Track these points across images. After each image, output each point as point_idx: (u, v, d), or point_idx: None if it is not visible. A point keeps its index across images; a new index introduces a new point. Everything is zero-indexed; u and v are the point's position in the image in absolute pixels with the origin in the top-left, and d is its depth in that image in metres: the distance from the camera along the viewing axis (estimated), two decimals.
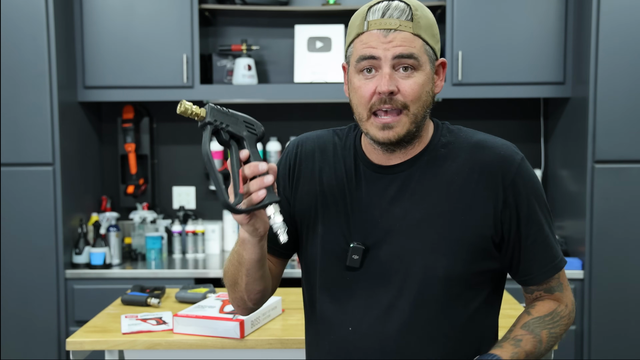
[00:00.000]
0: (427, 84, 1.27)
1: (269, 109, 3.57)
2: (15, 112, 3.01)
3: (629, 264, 2.96)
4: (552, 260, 1.36)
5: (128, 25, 3.17)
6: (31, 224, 3.04)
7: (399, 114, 1.25)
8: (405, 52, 1.23)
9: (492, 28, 3.14)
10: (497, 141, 1.39)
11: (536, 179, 1.35)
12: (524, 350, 1.30)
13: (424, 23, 1.26)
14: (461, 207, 1.29)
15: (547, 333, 1.34)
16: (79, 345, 1.98)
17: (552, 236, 1.36)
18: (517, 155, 1.34)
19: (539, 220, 1.33)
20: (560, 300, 1.39)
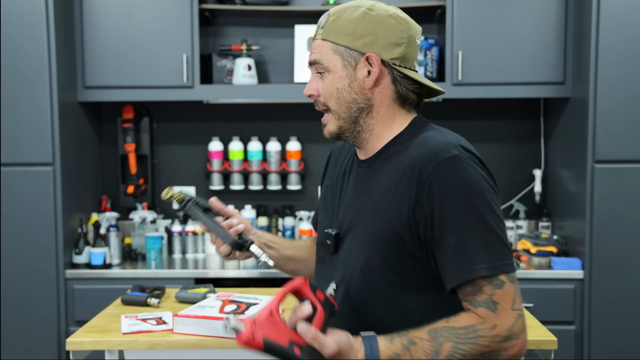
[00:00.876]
0: (337, 81, 1.36)
1: (269, 109, 3.57)
2: (15, 112, 3.01)
3: (629, 264, 2.96)
4: (460, 269, 1.23)
5: (128, 25, 3.17)
6: (31, 224, 3.04)
7: (327, 112, 1.40)
8: (311, 59, 1.39)
9: (492, 28, 3.14)
10: (439, 138, 1.32)
11: (461, 179, 1.24)
12: (410, 354, 1.22)
13: (337, 26, 1.36)
14: (383, 203, 1.32)
15: (451, 346, 1.22)
16: (79, 345, 1.98)
17: (470, 243, 1.23)
18: (445, 154, 1.26)
19: (457, 223, 1.23)
20: (486, 318, 1.23)
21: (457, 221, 1.23)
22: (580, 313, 3.00)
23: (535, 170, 3.50)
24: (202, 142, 3.58)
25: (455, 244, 1.23)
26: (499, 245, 1.24)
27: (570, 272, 2.99)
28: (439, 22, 3.38)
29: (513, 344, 1.24)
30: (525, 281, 3.00)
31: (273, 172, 3.50)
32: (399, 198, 1.29)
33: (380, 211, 1.32)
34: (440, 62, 3.31)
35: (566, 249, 3.20)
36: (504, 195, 3.57)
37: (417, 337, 1.24)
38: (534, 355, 2.21)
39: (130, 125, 3.43)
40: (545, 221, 3.42)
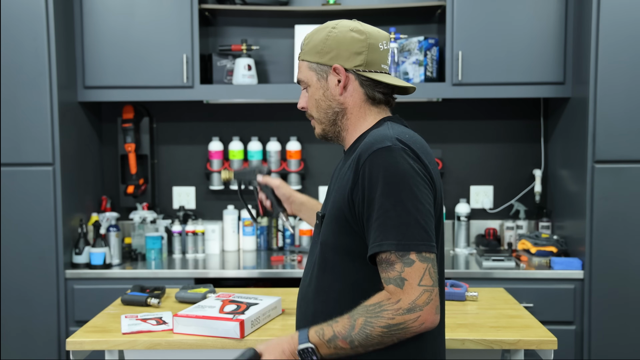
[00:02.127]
0: (315, 93, 1.61)
1: (269, 109, 3.57)
2: (15, 112, 3.01)
3: (629, 264, 2.96)
4: (372, 242, 1.41)
5: (128, 25, 3.17)
6: (31, 224, 3.04)
7: (313, 119, 1.66)
8: (297, 78, 1.65)
9: (492, 28, 3.14)
10: (379, 132, 1.51)
11: (385, 166, 1.42)
12: (332, 330, 1.43)
13: (309, 47, 1.61)
14: (338, 186, 1.55)
15: (363, 320, 1.40)
16: (79, 345, 1.98)
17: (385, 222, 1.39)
18: (380, 144, 1.45)
19: (379, 203, 1.40)
20: (393, 294, 1.39)
21: (379, 202, 1.41)
22: (580, 313, 3.00)
23: (535, 170, 3.50)
24: (202, 142, 3.58)
25: (375, 220, 1.41)
26: (414, 227, 1.39)
27: (570, 272, 2.99)
28: (439, 22, 3.38)
29: (417, 316, 1.38)
30: (525, 281, 3.00)
31: (273, 172, 3.50)
32: (345, 182, 1.51)
33: (335, 193, 1.55)
34: (440, 62, 3.31)
35: (566, 249, 3.20)
36: (504, 195, 3.57)
37: (339, 318, 1.45)
38: (534, 355, 2.21)
39: (130, 125, 3.43)
40: (545, 221, 3.42)
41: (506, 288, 2.62)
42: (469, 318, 2.12)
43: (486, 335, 1.96)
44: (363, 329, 1.39)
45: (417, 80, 3.26)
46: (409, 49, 3.29)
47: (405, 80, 3.28)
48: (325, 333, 1.44)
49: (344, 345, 1.41)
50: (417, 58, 3.26)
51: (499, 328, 2.03)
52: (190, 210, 3.59)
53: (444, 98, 3.35)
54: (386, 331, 1.39)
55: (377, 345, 1.41)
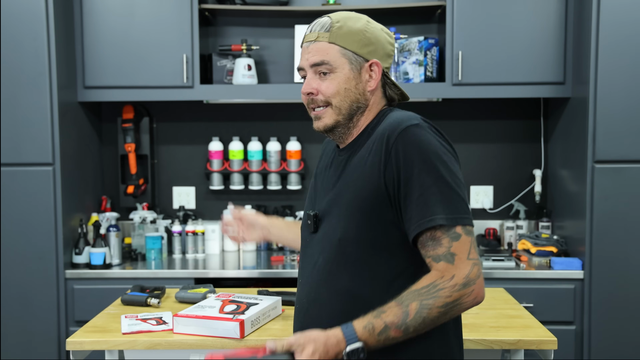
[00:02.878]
0: (345, 81, 1.51)
1: (269, 109, 3.57)
2: (15, 112, 3.01)
3: (629, 264, 2.96)
4: (421, 218, 1.37)
5: (128, 25, 3.17)
6: (31, 224, 3.04)
7: (325, 107, 1.54)
8: (317, 60, 1.52)
9: (492, 28, 3.14)
10: (402, 113, 1.50)
11: (420, 142, 1.40)
12: (383, 321, 1.35)
13: (343, 32, 1.51)
14: (357, 175, 1.47)
15: (417, 304, 1.35)
16: (79, 345, 1.98)
17: (431, 197, 1.37)
18: (408, 122, 1.43)
19: (418, 181, 1.38)
20: (445, 272, 1.37)
21: (419, 178, 1.38)
22: (580, 313, 3.00)
23: (535, 170, 3.50)
24: (202, 142, 3.58)
25: (417, 197, 1.38)
26: (457, 201, 1.38)
27: (570, 272, 2.99)
28: (439, 22, 3.38)
29: (471, 290, 1.37)
30: (525, 281, 3.00)
31: (273, 172, 3.50)
32: (369, 168, 1.45)
33: (353, 184, 1.47)
34: (440, 62, 3.31)
35: (566, 249, 3.20)
36: (504, 195, 3.57)
37: (385, 307, 1.37)
38: (534, 355, 2.21)
39: (130, 125, 3.43)
40: (545, 221, 3.42)
41: (506, 288, 2.62)
42: (469, 318, 2.12)
43: (486, 335, 1.96)
44: (419, 314, 1.35)
45: (417, 80, 3.26)
46: (409, 49, 3.29)
47: (405, 81, 3.28)
48: (375, 326, 1.36)
49: (397, 334, 1.36)
50: (417, 58, 3.26)
51: (499, 328, 2.03)
52: (190, 210, 3.59)
53: (444, 98, 3.35)
54: (443, 310, 1.35)
55: (432, 324, 1.37)
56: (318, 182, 1.65)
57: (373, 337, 1.35)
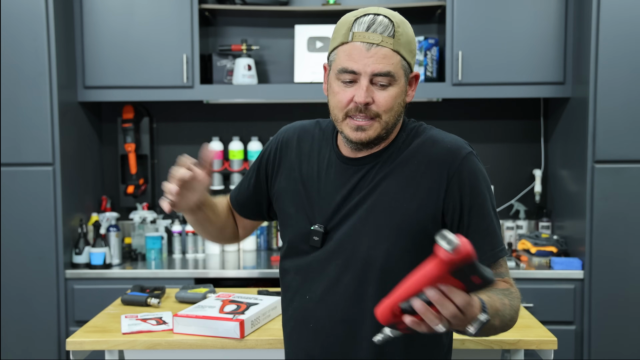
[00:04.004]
0: (399, 96, 1.40)
1: (269, 109, 3.57)
2: (15, 112, 3.01)
3: (629, 264, 2.96)
4: (493, 249, 1.40)
5: (128, 25, 3.17)
6: (31, 224, 3.04)
7: (372, 119, 1.39)
8: (382, 70, 1.35)
9: (492, 28, 3.14)
10: (448, 137, 1.45)
11: (481, 172, 1.41)
12: (499, 300, 1.30)
13: (404, 40, 1.37)
14: (406, 196, 1.39)
15: (509, 302, 1.35)
16: (79, 345, 1.98)
17: (496, 227, 1.41)
18: (464, 150, 1.41)
19: (482, 210, 1.39)
20: (511, 284, 1.42)
21: (484, 208, 1.39)
22: (580, 313, 3.00)
23: (535, 170, 3.50)
24: (202, 142, 3.56)
25: (486, 228, 1.39)
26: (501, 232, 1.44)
27: (570, 272, 2.99)
28: (439, 22, 3.38)
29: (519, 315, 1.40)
30: (525, 281, 3.00)
31: None
32: (423, 193, 1.39)
33: (402, 204, 1.39)
34: (440, 62, 3.31)
35: (566, 249, 3.20)
36: (504, 195, 3.57)
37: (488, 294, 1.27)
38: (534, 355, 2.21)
39: (130, 125, 3.43)
40: (545, 221, 3.42)
41: None
42: None
43: None
44: (511, 310, 1.34)
45: None
46: None
47: None
48: (494, 303, 1.27)
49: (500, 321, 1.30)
50: (417, 58, 3.26)
51: None
52: None
53: (444, 98, 3.35)
54: (515, 315, 1.36)
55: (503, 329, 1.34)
56: (309, 189, 1.50)
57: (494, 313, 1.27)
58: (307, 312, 1.48)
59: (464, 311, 1.12)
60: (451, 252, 1.05)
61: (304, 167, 1.53)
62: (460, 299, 1.10)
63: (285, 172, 1.56)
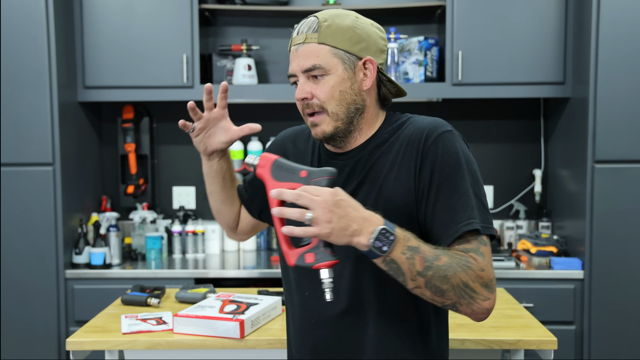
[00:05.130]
0: (340, 84, 1.42)
1: (269, 109, 3.57)
2: (15, 112, 3.01)
3: (629, 264, 2.96)
4: (457, 223, 1.33)
5: (128, 25, 3.17)
6: (31, 224, 3.04)
7: (319, 113, 1.43)
8: (307, 65, 1.42)
9: (492, 28, 3.14)
10: (427, 119, 1.45)
11: (457, 149, 1.38)
12: (418, 243, 1.28)
13: (332, 30, 1.42)
14: (389, 180, 1.41)
15: (449, 261, 1.28)
16: (79, 345, 1.98)
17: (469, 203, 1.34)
18: (440, 128, 1.40)
19: (454, 187, 1.35)
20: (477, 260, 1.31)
21: (456, 185, 1.35)
22: (580, 313, 3.00)
23: (535, 170, 3.50)
24: None
25: (454, 204, 1.35)
26: (486, 211, 1.37)
27: (570, 272, 2.99)
28: (439, 22, 3.38)
29: (489, 296, 1.32)
30: (525, 281, 3.00)
31: None
32: (403, 173, 1.40)
33: (386, 190, 1.40)
34: (440, 62, 3.31)
35: (566, 249, 3.20)
36: (504, 195, 3.57)
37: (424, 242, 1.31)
38: (534, 355, 2.21)
39: (130, 125, 3.43)
40: (545, 221, 3.42)
41: (506, 288, 2.62)
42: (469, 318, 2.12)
43: (486, 335, 1.96)
44: (446, 268, 1.27)
45: (417, 80, 3.26)
46: (409, 49, 3.29)
47: (405, 81, 3.28)
48: (411, 240, 1.28)
49: (419, 264, 1.26)
50: (417, 58, 3.26)
51: (499, 328, 2.03)
52: (190, 210, 3.59)
53: (444, 98, 3.35)
54: (461, 287, 1.29)
55: (440, 292, 1.28)
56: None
57: (403, 245, 1.26)
58: (309, 307, 1.49)
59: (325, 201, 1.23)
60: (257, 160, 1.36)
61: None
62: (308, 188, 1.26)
63: None
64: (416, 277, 1.27)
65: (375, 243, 1.24)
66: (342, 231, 1.24)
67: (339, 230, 1.24)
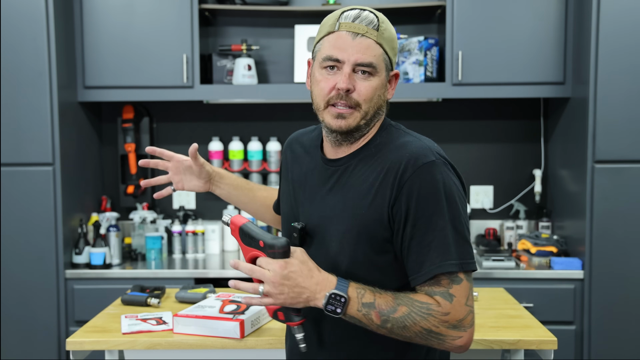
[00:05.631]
0: (380, 88, 1.43)
1: (269, 109, 3.57)
2: (15, 112, 3.01)
3: (629, 264, 2.96)
4: (431, 264, 1.34)
5: (128, 25, 3.17)
6: (31, 224, 3.04)
7: (352, 108, 1.42)
8: (365, 60, 1.40)
9: (492, 28, 3.14)
10: (416, 143, 1.43)
11: (439, 182, 1.35)
12: (373, 298, 1.33)
13: (387, 35, 1.43)
14: (366, 202, 1.40)
15: (407, 310, 1.32)
16: (79, 345, 1.98)
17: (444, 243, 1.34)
18: (424, 158, 1.37)
19: (430, 224, 1.34)
20: (441, 305, 1.33)
21: (433, 222, 1.34)
22: (580, 313, 3.00)
23: (535, 170, 3.50)
24: (202, 142, 3.57)
25: (428, 243, 1.34)
26: (464, 246, 1.36)
27: (570, 272, 2.99)
28: (439, 22, 3.38)
29: (460, 335, 1.35)
30: (525, 281, 3.00)
31: (273, 172, 3.50)
32: (379, 198, 1.39)
33: (361, 211, 1.41)
34: (440, 62, 3.31)
35: (566, 249, 3.20)
36: (504, 195, 3.57)
37: (381, 290, 1.36)
38: (534, 355, 2.21)
39: (130, 125, 3.43)
40: (545, 221, 3.42)
41: (506, 288, 2.62)
42: None
43: (486, 335, 1.96)
44: (404, 319, 1.32)
45: (417, 80, 3.26)
46: (409, 49, 3.29)
47: (405, 81, 3.28)
48: (365, 296, 1.33)
49: (376, 319, 1.32)
50: (417, 58, 3.26)
51: (499, 328, 2.03)
52: (190, 210, 3.59)
53: (444, 98, 3.35)
54: (424, 334, 1.33)
55: (406, 337, 1.34)
56: (297, 190, 1.56)
57: (357, 303, 1.33)
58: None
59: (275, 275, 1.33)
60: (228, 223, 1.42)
61: (295, 170, 1.60)
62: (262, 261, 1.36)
63: (284, 175, 1.66)
64: (377, 328, 1.34)
65: (328, 307, 1.33)
66: (294, 299, 1.34)
67: (292, 299, 1.34)
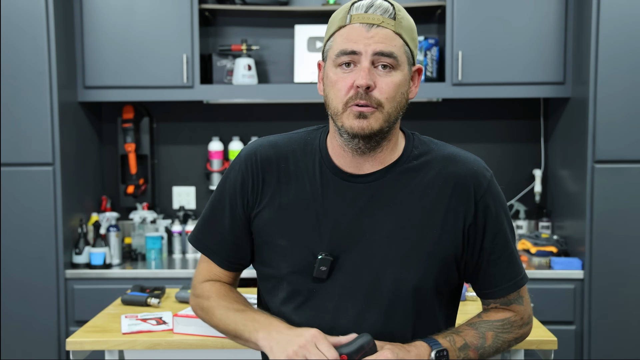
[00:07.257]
0: (403, 84, 1.27)
1: (269, 109, 3.57)
2: (15, 112, 3.01)
3: (629, 264, 2.96)
4: (515, 277, 1.39)
5: (128, 25, 3.17)
6: (31, 224, 3.04)
7: (374, 108, 1.24)
8: (385, 49, 1.22)
9: (492, 28, 3.14)
10: (468, 156, 1.38)
11: (503, 197, 1.38)
12: (462, 339, 1.33)
13: (406, 24, 1.27)
14: (434, 221, 1.29)
15: (493, 335, 1.38)
16: (79, 345, 1.98)
17: (517, 254, 1.40)
18: (487, 172, 1.36)
19: (506, 237, 1.36)
20: (517, 312, 1.42)
21: (506, 235, 1.36)
22: (580, 313, 3.00)
23: (535, 170, 3.50)
24: (202, 142, 3.58)
25: (508, 256, 1.36)
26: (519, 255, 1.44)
27: (570, 272, 2.99)
28: (439, 22, 3.38)
29: (530, 327, 1.45)
30: None
31: None
32: (452, 215, 1.30)
33: (431, 230, 1.28)
34: (440, 62, 3.31)
35: (566, 249, 3.20)
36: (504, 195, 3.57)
37: (458, 328, 1.37)
38: (534, 355, 2.21)
39: (130, 125, 3.43)
40: (545, 221, 3.42)
41: None
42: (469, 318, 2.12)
43: None
44: (495, 344, 1.37)
45: None
46: None
47: None
48: (456, 341, 1.32)
49: (474, 356, 1.33)
50: (417, 58, 3.26)
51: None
52: (190, 210, 3.59)
53: (444, 98, 3.35)
54: (512, 344, 1.42)
55: (496, 355, 1.41)
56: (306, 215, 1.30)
57: (454, 350, 1.30)
58: None
59: None
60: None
61: (291, 191, 1.32)
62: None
63: (266, 200, 1.33)
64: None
65: None
66: None
67: None
